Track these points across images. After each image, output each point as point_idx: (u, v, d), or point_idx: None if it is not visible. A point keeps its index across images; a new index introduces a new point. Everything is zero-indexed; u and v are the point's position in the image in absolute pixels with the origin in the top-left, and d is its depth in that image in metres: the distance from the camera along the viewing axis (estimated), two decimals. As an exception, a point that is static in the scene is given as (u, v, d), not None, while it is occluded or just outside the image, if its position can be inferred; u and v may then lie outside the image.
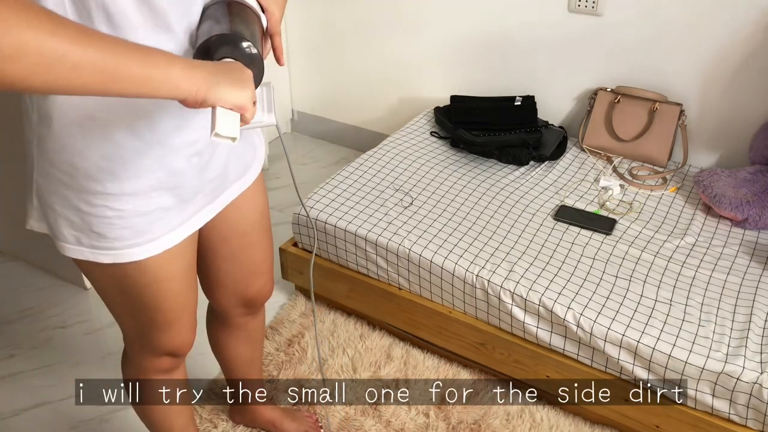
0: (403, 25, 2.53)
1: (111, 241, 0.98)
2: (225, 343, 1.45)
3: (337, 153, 2.93)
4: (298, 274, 2.01)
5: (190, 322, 1.19)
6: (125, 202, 0.95)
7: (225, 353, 1.47)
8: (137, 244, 0.99)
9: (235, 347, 1.46)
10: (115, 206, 0.95)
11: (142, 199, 0.97)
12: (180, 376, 1.30)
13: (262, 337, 1.51)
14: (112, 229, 0.96)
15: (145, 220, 0.98)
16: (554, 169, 2.11)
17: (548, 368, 1.64)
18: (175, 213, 1.02)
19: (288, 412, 1.66)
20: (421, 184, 2.00)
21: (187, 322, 1.18)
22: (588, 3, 2.11)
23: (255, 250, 1.27)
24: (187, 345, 1.21)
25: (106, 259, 0.99)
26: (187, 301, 1.15)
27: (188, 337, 1.21)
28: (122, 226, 0.97)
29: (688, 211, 1.91)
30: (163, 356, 1.20)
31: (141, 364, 1.23)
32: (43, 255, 2.16)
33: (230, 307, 1.34)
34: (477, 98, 2.37)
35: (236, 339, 1.44)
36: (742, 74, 2.00)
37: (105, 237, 0.97)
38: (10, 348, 1.92)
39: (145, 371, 1.24)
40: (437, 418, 1.68)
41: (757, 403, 1.40)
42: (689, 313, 1.55)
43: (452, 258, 1.71)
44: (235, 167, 1.12)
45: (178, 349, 1.20)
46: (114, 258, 0.99)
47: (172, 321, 1.14)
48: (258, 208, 1.23)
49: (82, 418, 1.71)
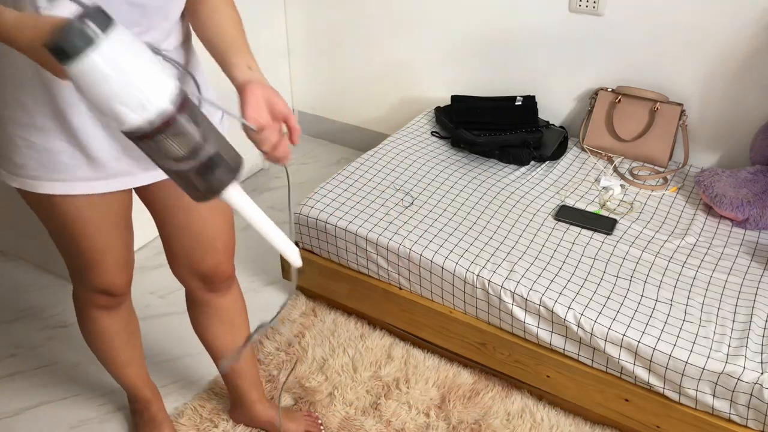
0: (404, 25, 2.53)
1: (19, 168, 1.09)
2: (197, 322, 1.47)
3: (338, 153, 2.93)
4: (298, 274, 2.01)
5: (116, 264, 1.27)
6: (32, 134, 1.05)
7: (201, 335, 1.50)
8: (41, 178, 1.09)
9: (209, 327, 1.46)
10: (23, 135, 1.06)
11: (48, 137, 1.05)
12: (122, 314, 1.41)
13: (240, 321, 1.48)
14: (19, 156, 1.07)
15: (50, 158, 1.07)
16: (555, 169, 2.11)
17: (549, 368, 1.64)
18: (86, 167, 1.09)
19: (288, 412, 1.66)
20: (422, 183, 2.00)
21: (113, 265, 1.26)
22: (589, 3, 2.11)
23: (203, 225, 1.28)
24: (116, 286, 1.30)
25: (14, 183, 1.11)
26: (107, 246, 1.22)
27: (117, 279, 1.29)
28: (29, 156, 1.07)
29: (689, 212, 1.91)
30: (97, 293, 1.31)
31: (81, 296, 1.35)
32: (43, 255, 2.16)
33: (187, 280, 1.37)
34: (478, 98, 2.37)
35: (206, 317, 1.45)
36: (743, 74, 2.00)
37: (14, 162, 1.08)
38: (11, 347, 1.92)
39: (84, 304, 1.36)
40: (437, 418, 1.68)
41: (757, 403, 1.39)
42: (690, 313, 1.55)
43: (453, 258, 1.71)
44: None
45: (109, 289, 1.30)
46: (20, 184, 1.11)
47: (94, 262, 1.23)
48: None
49: (82, 418, 1.71)
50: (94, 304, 1.35)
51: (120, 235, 1.25)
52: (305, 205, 1.92)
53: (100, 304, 1.35)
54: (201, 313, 1.44)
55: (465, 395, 1.74)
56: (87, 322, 1.40)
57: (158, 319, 2.01)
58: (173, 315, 2.03)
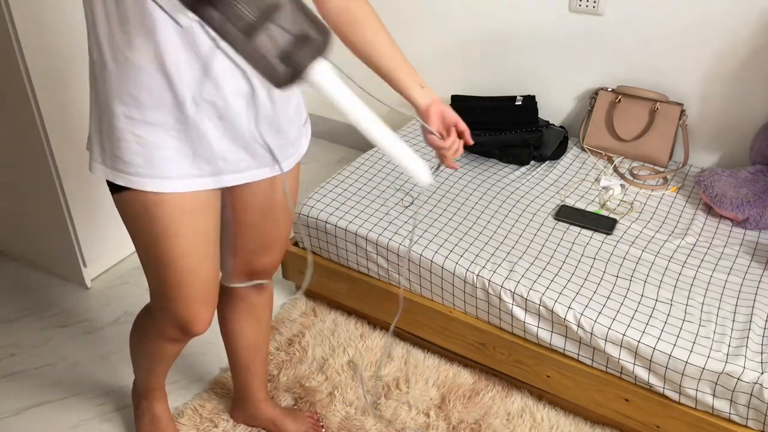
0: (404, 25, 2.53)
1: (126, 165, 1.07)
2: (229, 317, 1.48)
3: (338, 152, 2.93)
4: (299, 274, 2.01)
5: (203, 294, 1.22)
6: (144, 130, 1.04)
7: (229, 327, 1.49)
8: (149, 176, 1.07)
9: (238, 321, 1.47)
10: (135, 131, 1.05)
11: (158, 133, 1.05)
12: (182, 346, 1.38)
13: (268, 319, 1.52)
14: (128, 154, 1.06)
15: (159, 154, 1.06)
16: (555, 169, 2.11)
17: (549, 368, 1.64)
18: (191, 163, 1.09)
19: (289, 411, 1.66)
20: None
21: (200, 293, 1.21)
22: (589, 3, 2.11)
23: (274, 226, 1.31)
24: (196, 322, 1.24)
25: (119, 181, 1.09)
26: (198, 268, 1.18)
27: (199, 312, 1.23)
28: (138, 152, 1.06)
29: (689, 211, 1.91)
30: (174, 327, 1.25)
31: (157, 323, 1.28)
32: (43, 255, 2.16)
33: (234, 274, 1.38)
34: (478, 98, 2.37)
35: (239, 312, 1.46)
36: (743, 74, 2.00)
37: (122, 160, 1.07)
38: (11, 347, 1.92)
39: (155, 332, 1.31)
40: (438, 418, 1.68)
41: (757, 403, 1.39)
42: (690, 313, 1.55)
43: (453, 258, 1.71)
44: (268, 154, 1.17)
45: (188, 323, 1.23)
46: (126, 182, 1.08)
47: (182, 283, 1.18)
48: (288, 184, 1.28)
49: (82, 418, 1.71)
50: (166, 336, 1.30)
51: (212, 254, 1.21)
52: (305, 205, 1.92)
53: (170, 337, 1.29)
54: (234, 308, 1.46)
55: (465, 395, 1.74)
56: (148, 343, 1.37)
57: (158, 319, 2.01)
58: (173, 315, 2.03)
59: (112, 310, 2.04)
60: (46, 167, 1.89)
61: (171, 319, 1.24)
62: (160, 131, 1.05)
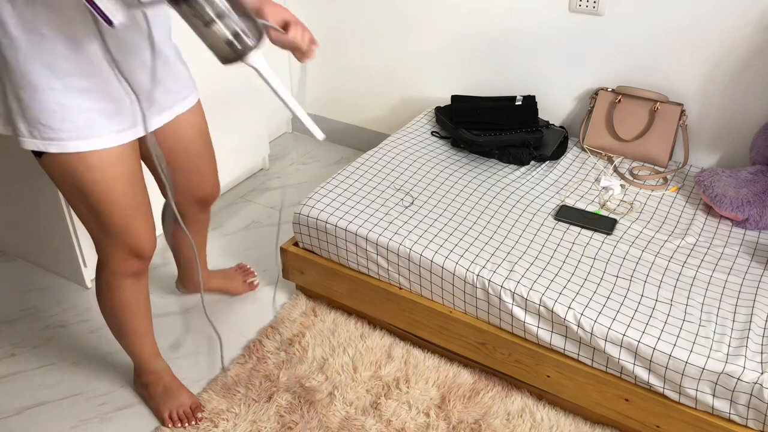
0: (404, 25, 2.53)
1: (57, 132, 1.19)
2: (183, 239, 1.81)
3: (338, 152, 2.94)
4: (299, 274, 2.01)
5: (146, 222, 1.42)
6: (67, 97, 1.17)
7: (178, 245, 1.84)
8: (80, 137, 1.21)
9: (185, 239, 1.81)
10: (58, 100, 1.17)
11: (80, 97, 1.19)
12: (144, 284, 1.54)
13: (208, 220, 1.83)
14: (57, 121, 1.18)
15: (86, 117, 1.20)
16: (555, 169, 2.11)
17: (549, 368, 1.64)
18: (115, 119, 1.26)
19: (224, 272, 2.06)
20: (422, 183, 2.00)
21: (144, 222, 1.41)
22: (589, 3, 2.11)
23: (200, 161, 1.58)
24: (147, 246, 1.44)
25: (53, 149, 1.20)
26: (138, 202, 1.38)
27: (148, 238, 1.43)
28: (66, 119, 1.18)
29: (689, 211, 1.91)
30: (129, 258, 1.43)
31: (111, 267, 1.45)
32: (43, 255, 2.16)
33: (185, 206, 1.66)
34: (478, 98, 2.37)
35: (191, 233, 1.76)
36: (743, 74, 2.00)
37: (52, 128, 1.18)
38: (11, 347, 1.92)
39: (114, 275, 1.46)
40: (438, 418, 1.68)
41: (757, 403, 1.40)
42: (690, 313, 1.55)
43: (453, 258, 1.71)
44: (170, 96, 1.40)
45: (141, 250, 1.43)
46: (60, 148, 1.20)
47: (128, 219, 1.36)
48: (196, 125, 1.51)
49: (82, 418, 1.71)
50: (125, 272, 1.46)
51: (144, 193, 1.40)
52: (305, 205, 1.92)
53: (131, 271, 1.46)
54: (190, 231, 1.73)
55: (465, 395, 1.74)
56: (114, 293, 1.50)
57: (158, 318, 2.01)
58: (173, 315, 2.03)
59: (112, 310, 2.05)
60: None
61: (126, 254, 1.42)
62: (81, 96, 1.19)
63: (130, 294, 1.51)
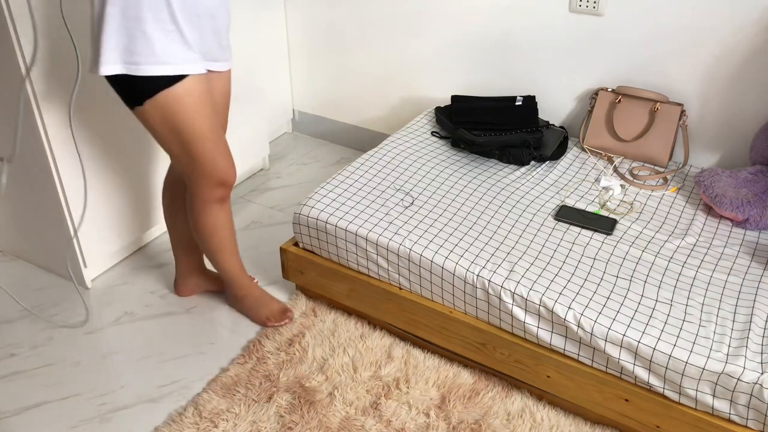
0: (405, 25, 2.53)
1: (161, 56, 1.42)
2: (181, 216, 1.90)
3: (338, 153, 2.94)
4: (299, 274, 2.01)
5: (228, 153, 1.65)
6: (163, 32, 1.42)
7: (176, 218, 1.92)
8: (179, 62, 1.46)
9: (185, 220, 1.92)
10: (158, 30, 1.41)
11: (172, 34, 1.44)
12: (229, 207, 1.77)
13: None
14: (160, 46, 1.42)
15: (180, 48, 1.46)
16: (555, 169, 2.11)
17: (549, 368, 1.64)
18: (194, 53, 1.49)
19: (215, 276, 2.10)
20: (422, 184, 2.01)
21: (226, 152, 1.65)
22: (589, 3, 2.11)
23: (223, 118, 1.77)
24: (231, 173, 1.68)
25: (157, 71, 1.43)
26: (220, 134, 1.61)
27: (231, 166, 1.67)
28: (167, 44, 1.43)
29: (689, 212, 1.91)
30: (216, 186, 1.67)
31: (202, 195, 1.68)
32: (43, 255, 2.16)
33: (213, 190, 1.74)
34: (478, 98, 2.37)
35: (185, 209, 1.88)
36: (743, 74, 2.00)
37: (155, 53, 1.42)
38: (11, 347, 1.92)
39: (207, 202, 1.69)
40: (438, 418, 1.68)
41: (757, 404, 1.40)
42: (690, 313, 1.55)
43: (453, 258, 1.71)
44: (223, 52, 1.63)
45: (226, 177, 1.67)
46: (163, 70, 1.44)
47: (215, 144, 1.59)
48: (225, 90, 1.72)
49: (82, 418, 1.71)
50: (215, 198, 1.69)
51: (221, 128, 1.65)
52: (305, 205, 1.92)
53: (219, 197, 1.70)
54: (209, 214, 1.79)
55: (465, 395, 1.74)
56: (208, 218, 1.73)
57: (158, 318, 2.01)
58: (173, 315, 2.03)
59: (112, 310, 2.05)
60: (47, 167, 1.89)
61: (215, 181, 1.65)
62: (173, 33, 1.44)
63: (218, 217, 1.74)
